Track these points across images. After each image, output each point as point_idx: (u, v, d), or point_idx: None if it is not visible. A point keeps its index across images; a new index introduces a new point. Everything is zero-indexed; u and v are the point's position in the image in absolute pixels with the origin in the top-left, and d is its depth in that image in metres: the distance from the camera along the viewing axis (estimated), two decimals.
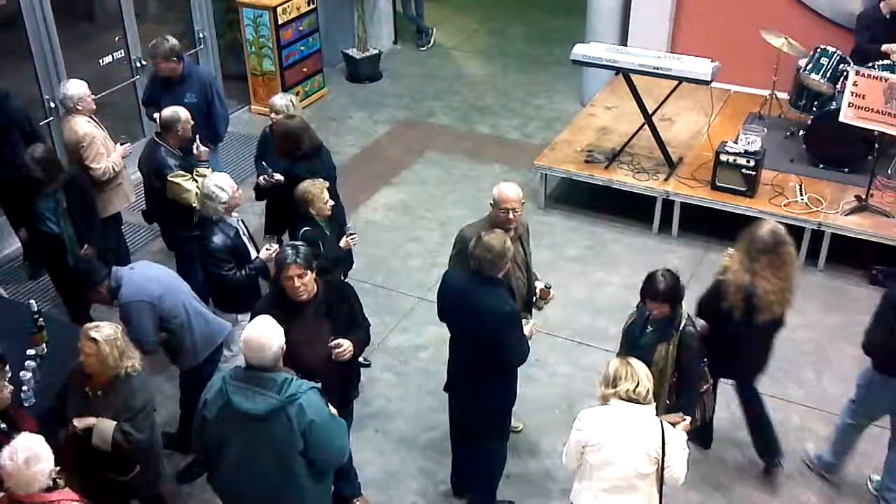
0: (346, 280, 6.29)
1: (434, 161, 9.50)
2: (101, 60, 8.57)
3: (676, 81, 7.93)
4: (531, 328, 5.18)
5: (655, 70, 7.83)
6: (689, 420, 4.78)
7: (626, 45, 9.30)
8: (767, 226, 5.15)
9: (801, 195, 7.74)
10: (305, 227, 5.85)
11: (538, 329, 5.57)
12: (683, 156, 8.44)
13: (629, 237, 8.16)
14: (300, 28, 10.25)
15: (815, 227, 7.49)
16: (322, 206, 5.86)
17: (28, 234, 6.76)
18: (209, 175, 6.00)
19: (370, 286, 7.36)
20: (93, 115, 6.75)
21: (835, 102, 7.81)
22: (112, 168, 6.71)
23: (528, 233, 5.65)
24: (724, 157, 7.70)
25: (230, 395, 4.08)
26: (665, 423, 4.27)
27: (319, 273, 4.91)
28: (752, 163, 7.61)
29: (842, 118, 7.35)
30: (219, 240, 5.69)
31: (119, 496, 4.86)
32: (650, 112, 8.24)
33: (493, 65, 11.81)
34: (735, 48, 9.06)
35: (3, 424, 4.45)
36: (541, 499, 5.68)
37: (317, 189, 5.84)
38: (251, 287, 5.83)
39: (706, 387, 5.43)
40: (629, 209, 8.30)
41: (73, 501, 3.91)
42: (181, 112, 6.45)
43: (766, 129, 8.07)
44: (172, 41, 7.09)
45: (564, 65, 9.78)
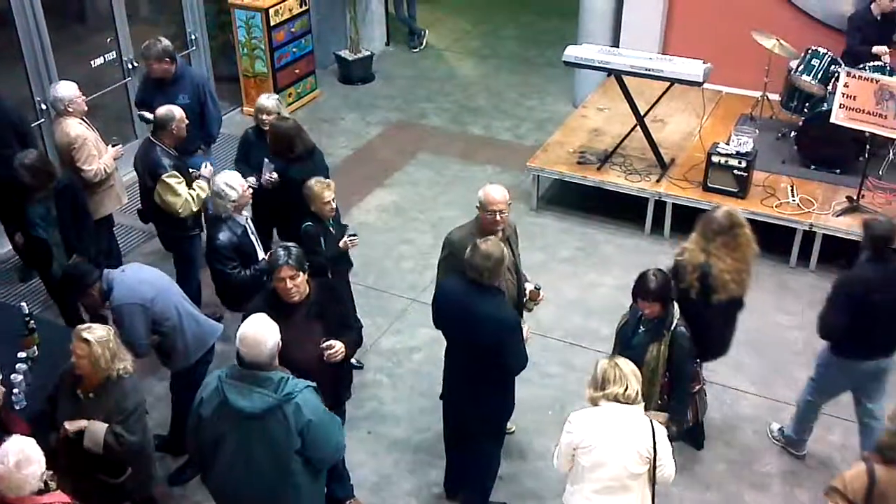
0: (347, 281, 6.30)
1: (426, 162, 9.50)
2: (93, 62, 8.55)
3: (668, 83, 7.95)
4: (525, 332, 5.18)
5: (647, 71, 7.84)
6: (669, 417, 4.89)
7: (619, 47, 9.32)
8: (723, 208, 5.35)
9: (793, 196, 7.76)
10: (308, 223, 5.85)
11: (531, 331, 5.56)
12: (675, 157, 8.46)
13: (621, 238, 8.17)
14: (292, 30, 10.23)
15: (807, 228, 7.51)
16: (321, 206, 5.84)
17: (23, 238, 6.72)
18: (220, 176, 5.90)
19: (363, 287, 7.35)
20: (84, 117, 6.73)
21: (826, 104, 7.84)
22: (104, 170, 6.68)
23: (516, 234, 5.64)
24: (716, 159, 7.72)
25: (226, 394, 4.07)
26: (654, 422, 4.28)
27: (313, 273, 4.90)
28: (744, 164, 7.63)
29: (833, 119, 7.38)
30: (225, 237, 5.69)
31: (111, 498, 4.84)
32: (642, 113, 8.26)
33: (486, 66, 11.81)
34: (727, 50, 9.08)
35: None
36: (533, 500, 5.68)
37: (318, 187, 5.82)
38: (256, 287, 5.78)
39: (698, 387, 5.45)
40: (621, 210, 8.31)
41: None
42: (175, 111, 6.43)
43: (758, 131, 8.09)
44: (165, 42, 7.08)
45: (556, 66, 9.80)
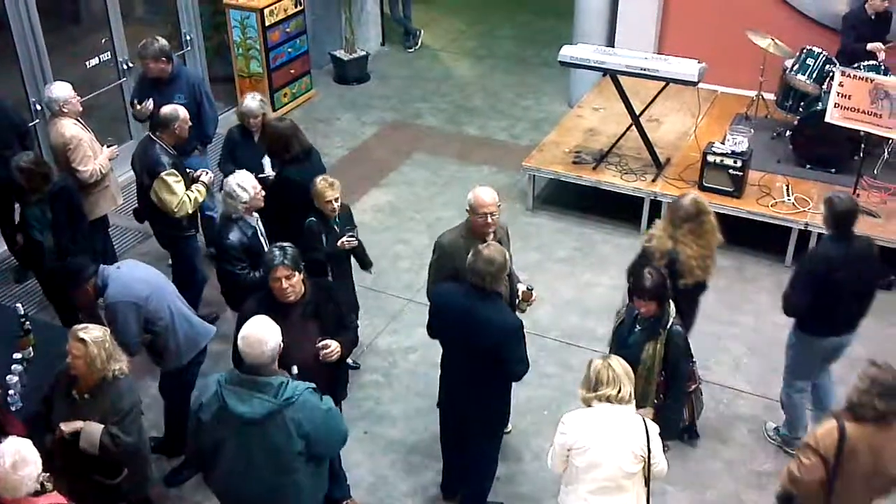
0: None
1: (422, 162, 9.49)
2: (88, 62, 8.54)
3: (663, 82, 7.96)
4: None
5: (642, 71, 7.86)
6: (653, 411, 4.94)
7: (614, 47, 9.32)
8: (690, 195, 5.51)
9: (788, 195, 7.77)
10: (312, 219, 5.86)
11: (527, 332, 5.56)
12: (671, 157, 8.46)
13: (617, 238, 8.17)
14: (287, 30, 10.23)
15: (802, 228, 7.52)
16: (324, 205, 5.83)
17: (24, 239, 6.70)
18: (232, 177, 5.84)
19: (359, 288, 7.30)
20: (79, 118, 6.72)
21: (821, 103, 7.86)
22: (99, 170, 6.67)
23: (508, 236, 5.63)
24: (712, 158, 7.72)
25: (226, 399, 4.06)
26: (647, 420, 4.28)
27: (313, 272, 4.89)
28: (739, 163, 7.64)
29: (828, 119, 7.40)
30: (235, 237, 5.67)
31: (107, 500, 4.82)
32: (637, 113, 8.26)
33: (481, 66, 11.81)
34: (722, 49, 9.09)
35: None
36: (530, 500, 5.68)
37: (321, 186, 5.81)
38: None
39: (694, 386, 5.45)
40: (617, 210, 8.31)
41: None
42: (181, 111, 6.42)
43: (753, 130, 8.09)
44: (162, 42, 7.07)
45: (552, 66, 9.81)
